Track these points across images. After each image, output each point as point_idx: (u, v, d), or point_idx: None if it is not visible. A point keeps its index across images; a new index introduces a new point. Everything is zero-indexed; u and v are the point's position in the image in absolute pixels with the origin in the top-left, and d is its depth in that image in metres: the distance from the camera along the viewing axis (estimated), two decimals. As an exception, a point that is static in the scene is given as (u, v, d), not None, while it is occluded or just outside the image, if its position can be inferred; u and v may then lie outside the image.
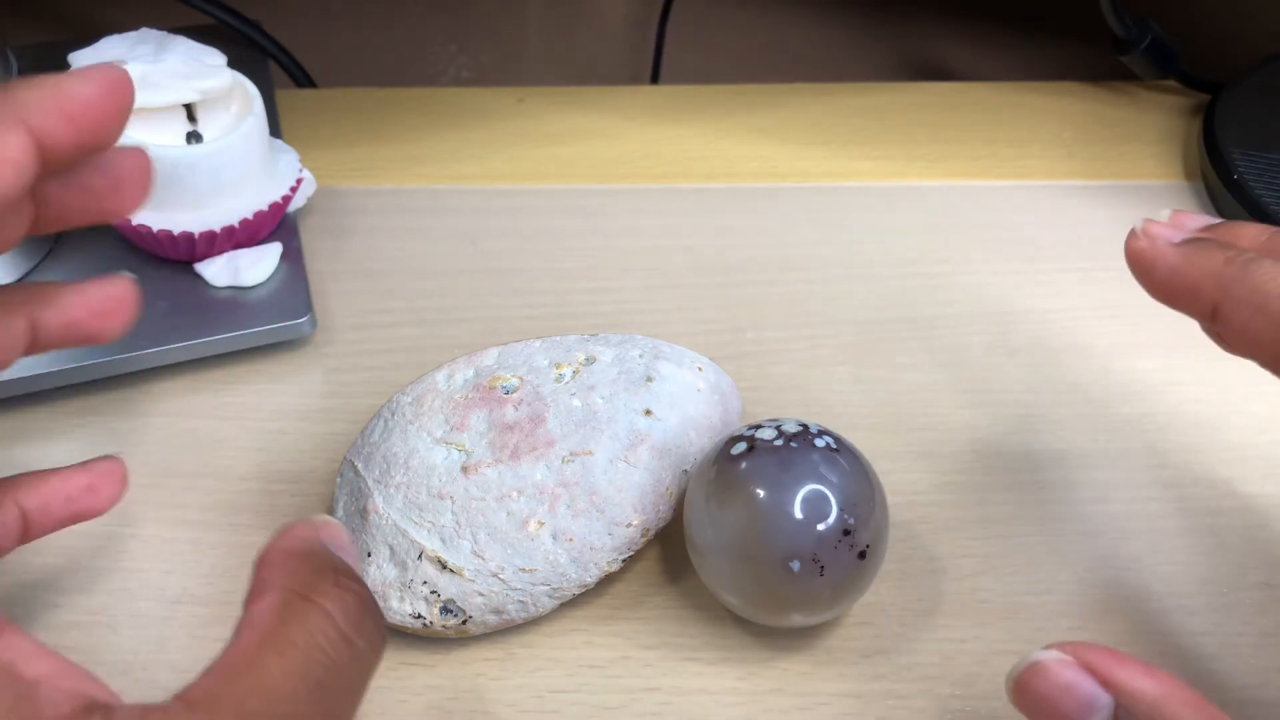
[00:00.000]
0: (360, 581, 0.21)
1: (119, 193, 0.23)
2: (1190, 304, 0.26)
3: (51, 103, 0.21)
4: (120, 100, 0.22)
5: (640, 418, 0.30)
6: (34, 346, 0.24)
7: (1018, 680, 0.23)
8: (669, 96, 0.50)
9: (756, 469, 0.26)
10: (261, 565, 0.21)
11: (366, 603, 0.20)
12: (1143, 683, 0.22)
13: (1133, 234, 0.27)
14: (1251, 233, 0.26)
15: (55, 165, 0.21)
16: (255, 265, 0.37)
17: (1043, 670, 0.22)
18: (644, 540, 0.29)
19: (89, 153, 0.22)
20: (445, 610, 0.27)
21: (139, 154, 0.23)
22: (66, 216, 0.23)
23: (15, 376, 0.33)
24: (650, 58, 0.57)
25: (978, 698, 0.27)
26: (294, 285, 0.37)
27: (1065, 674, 0.22)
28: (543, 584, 0.28)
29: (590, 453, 0.29)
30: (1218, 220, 0.27)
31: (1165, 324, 0.38)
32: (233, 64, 0.38)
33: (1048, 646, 0.23)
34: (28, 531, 0.26)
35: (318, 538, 0.21)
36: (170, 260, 0.37)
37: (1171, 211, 0.28)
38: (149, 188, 0.23)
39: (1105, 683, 0.22)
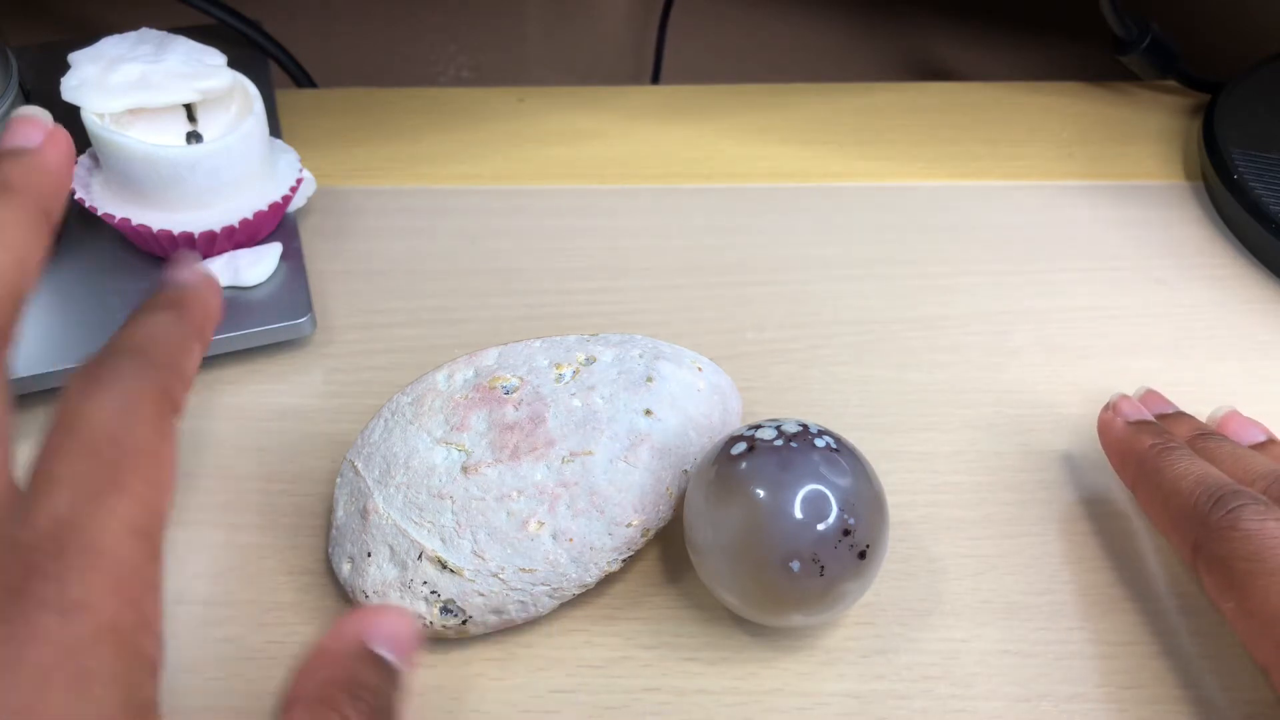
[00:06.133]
0: (392, 681, 0.20)
1: None
2: (1121, 473, 0.31)
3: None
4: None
5: (640, 418, 0.30)
6: None
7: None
8: (669, 96, 0.50)
9: (756, 469, 0.26)
10: (297, 674, 0.20)
11: (387, 711, 0.20)
12: None
13: (1106, 405, 0.32)
14: (1185, 429, 0.31)
15: None
16: (255, 265, 0.37)
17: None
18: (644, 540, 0.29)
19: None
20: (445, 610, 0.27)
21: None
22: None
23: (15, 376, 0.33)
24: (650, 58, 0.58)
25: (978, 698, 0.27)
26: (294, 285, 0.37)
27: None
28: (543, 584, 0.28)
29: (590, 453, 0.29)
30: (1173, 410, 0.32)
31: (1165, 324, 0.38)
32: (233, 64, 0.38)
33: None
34: None
35: (359, 639, 0.21)
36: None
37: (1146, 390, 0.33)
38: None
39: None
